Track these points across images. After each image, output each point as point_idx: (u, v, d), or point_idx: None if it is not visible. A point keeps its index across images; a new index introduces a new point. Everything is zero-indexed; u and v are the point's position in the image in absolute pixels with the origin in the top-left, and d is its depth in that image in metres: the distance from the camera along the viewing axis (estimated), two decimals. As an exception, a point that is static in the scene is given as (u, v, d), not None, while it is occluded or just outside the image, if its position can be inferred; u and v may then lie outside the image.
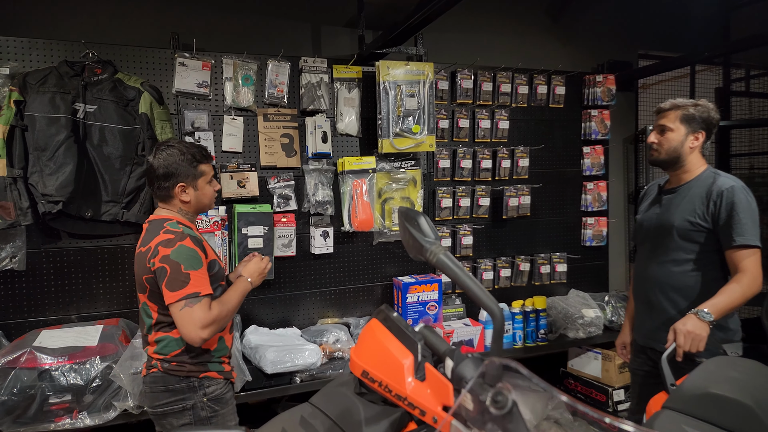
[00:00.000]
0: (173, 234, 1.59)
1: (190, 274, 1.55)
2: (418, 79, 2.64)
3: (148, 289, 1.61)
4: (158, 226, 1.63)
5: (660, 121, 1.98)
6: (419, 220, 1.00)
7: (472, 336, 2.68)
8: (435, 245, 0.97)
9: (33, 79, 2.08)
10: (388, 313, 1.07)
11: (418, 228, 0.99)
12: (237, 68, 2.46)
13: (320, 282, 2.73)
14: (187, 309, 1.53)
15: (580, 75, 3.21)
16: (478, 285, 0.91)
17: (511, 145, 3.04)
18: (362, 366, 1.02)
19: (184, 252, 1.56)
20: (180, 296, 1.53)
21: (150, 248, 1.58)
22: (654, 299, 2.00)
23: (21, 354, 1.89)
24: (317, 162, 2.62)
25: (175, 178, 1.66)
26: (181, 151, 1.66)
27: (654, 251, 2.02)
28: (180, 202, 1.70)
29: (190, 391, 1.64)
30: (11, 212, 1.96)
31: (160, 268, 1.55)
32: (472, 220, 2.99)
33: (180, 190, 1.68)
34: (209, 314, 1.56)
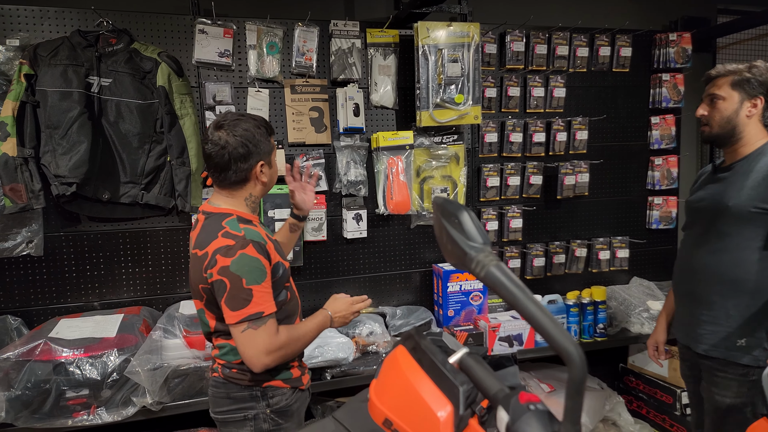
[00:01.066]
0: (233, 239, 1.34)
1: (252, 290, 1.32)
2: (462, 41, 2.28)
3: (205, 299, 1.41)
4: (216, 226, 1.37)
5: (710, 89, 1.67)
6: (461, 216, 0.71)
7: (521, 331, 2.37)
8: (483, 253, 0.67)
9: (44, 51, 1.89)
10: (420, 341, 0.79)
11: (459, 227, 0.70)
12: (261, 35, 2.19)
13: (353, 268, 2.48)
14: (250, 332, 1.33)
15: (649, 34, 2.74)
16: (547, 314, 0.61)
17: (567, 116, 2.64)
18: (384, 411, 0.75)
19: (246, 263, 1.32)
20: (242, 317, 1.32)
21: (207, 255, 1.34)
22: (700, 292, 1.69)
23: (36, 346, 1.75)
24: (349, 138, 2.34)
25: (257, 156, 1.41)
26: (255, 124, 1.42)
27: (704, 237, 1.69)
28: (254, 186, 1.46)
29: (252, 400, 1.46)
30: (22, 195, 1.80)
31: (219, 281, 1.32)
32: (521, 201, 2.64)
33: (260, 169, 1.44)
34: (275, 340, 1.36)
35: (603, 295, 2.48)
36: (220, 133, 1.38)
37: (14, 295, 2.07)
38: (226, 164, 1.39)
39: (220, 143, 1.37)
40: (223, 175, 1.41)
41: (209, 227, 1.39)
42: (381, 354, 2.18)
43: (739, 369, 1.60)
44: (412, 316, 2.41)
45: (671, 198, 2.86)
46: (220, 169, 1.40)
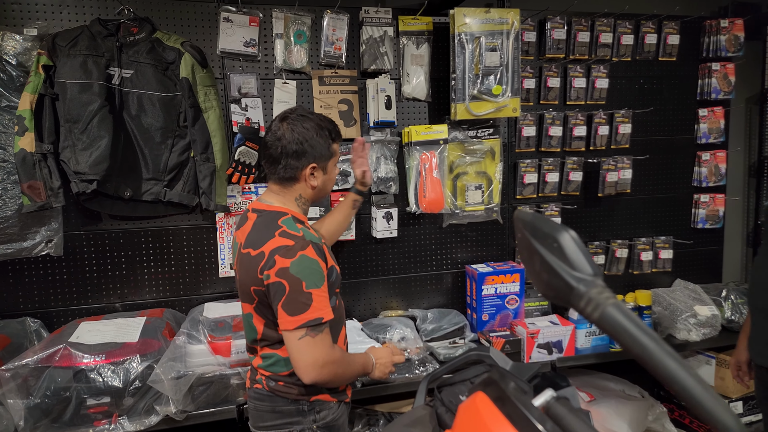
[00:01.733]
0: (293, 239, 1.26)
1: (312, 294, 1.24)
2: (500, 29, 2.11)
3: (256, 301, 1.32)
4: (271, 224, 1.30)
5: None
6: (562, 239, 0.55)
7: (561, 337, 2.19)
8: (596, 288, 0.53)
9: (63, 41, 1.77)
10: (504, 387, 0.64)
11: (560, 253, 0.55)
12: (288, 23, 2.04)
13: (382, 269, 2.33)
14: (308, 339, 1.24)
15: (698, 20, 2.53)
16: (691, 372, 0.47)
17: (609, 108, 2.45)
18: None
19: (306, 265, 1.25)
20: (301, 322, 1.23)
21: (263, 254, 1.26)
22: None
23: (56, 351, 1.64)
24: (379, 132, 2.19)
25: (309, 157, 1.34)
26: (319, 125, 1.36)
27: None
28: (304, 188, 1.39)
29: (298, 415, 1.37)
30: (41, 193, 1.69)
31: (277, 283, 1.24)
32: (560, 199, 2.46)
33: (310, 172, 1.36)
34: (332, 353, 1.29)
35: (648, 300, 2.30)
36: (282, 125, 1.34)
37: (33, 295, 1.97)
38: (278, 157, 1.34)
39: (277, 134, 1.33)
40: (274, 167, 1.36)
41: (264, 225, 1.31)
42: (413, 361, 2.03)
43: None
44: (444, 320, 2.25)
45: (719, 196, 2.65)
46: (272, 161, 1.35)
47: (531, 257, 0.59)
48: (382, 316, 2.34)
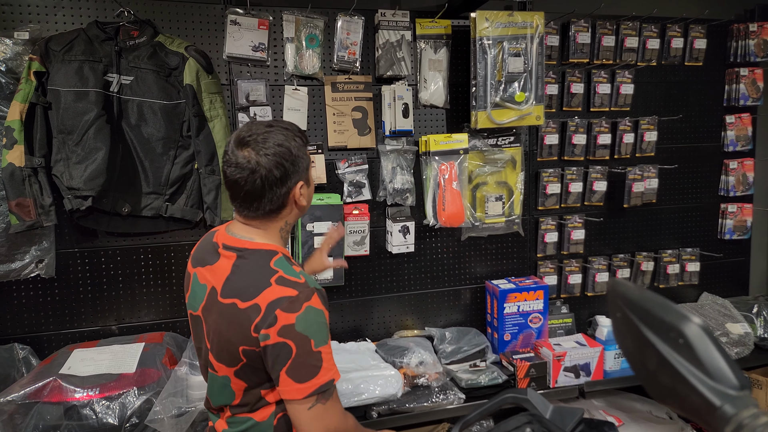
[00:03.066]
0: (295, 288, 1.00)
1: (321, 353, 1.00)
2: (524, 33, 1.93)
3: (242, 363, 1.03)
4: (264, 268, 1.03)
5: None
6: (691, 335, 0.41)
7: (589, 360, 2.00)
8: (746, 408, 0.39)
9: (57, 45, 1.59)
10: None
11: (689, 355, 0.41)
12: (300, 26, 1.86)
13: (397, 285, 2.14)
14: (319, 407, 0.99)
15: (726, 24, 2.35)
16: None
17: (635, 115, 2.27)
18: None
19: (314, 319, 1.00)
20: (312, 389, 0.98)
21: (259, 308, 0.98)
22: None
23: (45, 384, 1.45)
24: (395, 141, 2.01)
25: (295, 175, 1.06)
26: (288, 136, 1.06)
27: None
28: (290, 212, 1.11)
29: None
30: (30, 211, 1.50)
31: (281, 344, 0.97)
32: (583, 209, 2.28)
33: (299, 192, 1.09)
34: (345, 421, 1.05)
35: (680, 318, 2.11)
36: (245, 152, 1.02)
37: (23, 319, 1.77)
38: (259, 192, 1.03)
39: (249, 166, 1.01)
40: (255, 204, 1.05)
41: (253, 270, 1.03)
42: (433, 388, 1.83)
43: None
44: (463, 340, 2.06)
45: (746, 206, 2.46)
46: (251, 199, 1.04)
47: (642, 351, 0.44)
48: (397, 335, 2.14)
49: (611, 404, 2.30)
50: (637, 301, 0.45)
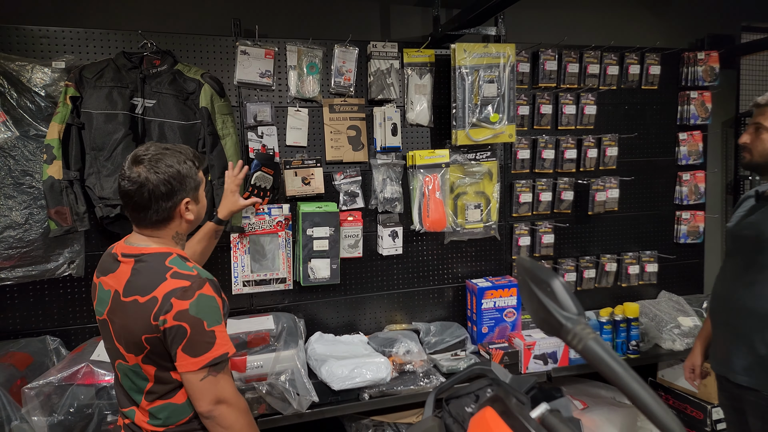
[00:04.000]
0: (188, 279, 1.14)
1: (214, 331, 1.14)
2: (497, 62, 2.16)
3: (147, 351, 1.15)
4: (159, 267, 1.16)
5: (756, 118, 1.54)
6: (554, 284, 0.66)
7: (556, 348, 2.22)
8: (580, 325, 0.64)
9: (89, 73, 1.78)
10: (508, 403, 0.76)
11: (552, 296, 0.66)
12: (301, 55, 2.08)
13: (387, 284, 2.35)
14: (210, 379, 1.14)
15: (678, 53, 2.60)
16: (651, 393, 0.60)
17: (598, 133, 2.51)
18: None
19: (206, 303, 1.14)
20: (205, 362, 1.13)
21: (156, 299, 1.12)
22: (737, 324, 1.56)
23: (78, 369, 1.63)
24: (386, 156, 2.22)
25: (181, 193, 1.20)
26: (180, 159, 1.20)
27: (744, 268, 1.56)
28: (179, 224, 1.24)
29: None
30: (67, 218, 1.69)
31: (176, 327, 1.11)
32: (553, 216, 2.51)
33: (185, 207, 1.22)
34: (236, 396, 1.18)
35: (636, 312, 2.33)
36: (138, 169, 1.16)
37: (53, 314, 1.95)
38: (146, 203, 1.17)
39: (138, 180, 1.15)
40: (144, 214, 1.18)
41: (150, 270, 1.16)
42: (418, 373, 2.04)
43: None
44: (445, 332, 2.27)
45: (699, 213, 2.71)
46: (140, 208, 1.18)
47: (530, 298, 0.69)
48: (387, 329, 2.35)
49: (578, 391, 2.52)
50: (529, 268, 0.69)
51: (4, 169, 1.71)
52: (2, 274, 1.72)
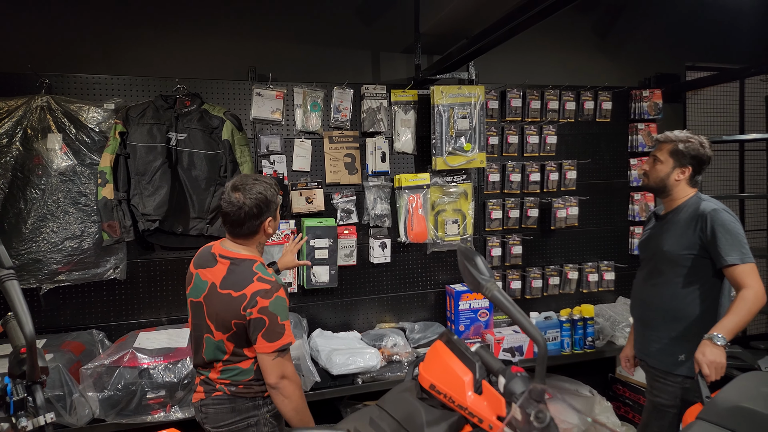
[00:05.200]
0: (269, 284, 1.51)
1: (285, 325, 1.52)
2: (469, 101, 2.59)
3: (233, 332, 1.52)
4: (247, 271, 1.52)
5: (655, 151, 1.94)
6: (476, 259, 1.07)
7: (522, 343, 2.60)
8: (490, 282, 1.04)
9: (134, 113, 2.20)
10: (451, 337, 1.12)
11: (475, 267, 1.06)
12: (306, 96, 2.50)
13: (378, 289, 2.73)
14: (279, 360, 1.51)
15: (626, 90, 3.05)
16: (527, 318, 1.00)
17: (558, 159, 2.94)
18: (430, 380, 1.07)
19: (281, 304, 1.52)
20: (276, 347, 1.50)
21: (245, 296, 1.48)
22: (648, 318, 1.95)
23: (124, 354, 2.00)
24: (376, 179, 2.63)
25: (267, 213, 1.57)
26: (266, 186, 1.57)
27: (649, 274, 1.96)
28: (262, 237, 1.62)
29: (255, 409, 1.60)
30: (117, 230, 2.08)
31: (258, 319, 1.48)
32: (521, 231, 2.91)
33: (267, 224, 1.60)
34: (294, 374, 1.56)
35: (591, 312, 2.73)
36: (237, 195, 1.52)
37: (98, 312, 2.33)
38: (242, 221, 1.53)
39: (237, 204, 1.51)
40: (238, 229, 1.56)
41: (239, 271, 1.53)
42: (404, 363, 2.41)
43: (678, 378, 1.83)
44: (428, 330, 2.65)
45: (649, 228, 3.12)
46: (235, 224, 1.55)
47: (464, 269, 1.09)
48: (378, 327, 2.73)
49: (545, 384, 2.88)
50: (463, 251, 1.08)
51: (64, 191, 2.11)
52: (62, 276, 2.10)
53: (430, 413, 1.13)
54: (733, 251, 1.72)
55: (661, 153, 1.90)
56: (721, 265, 1.74)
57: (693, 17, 3.37)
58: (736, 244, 1.72)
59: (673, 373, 1.85)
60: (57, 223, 2.10)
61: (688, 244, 1.81)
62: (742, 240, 1.74)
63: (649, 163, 1.95)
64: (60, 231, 2.10)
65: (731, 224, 1.75)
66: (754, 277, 1.71)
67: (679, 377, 1.84)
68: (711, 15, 3.38)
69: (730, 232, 1.73)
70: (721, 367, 1.61)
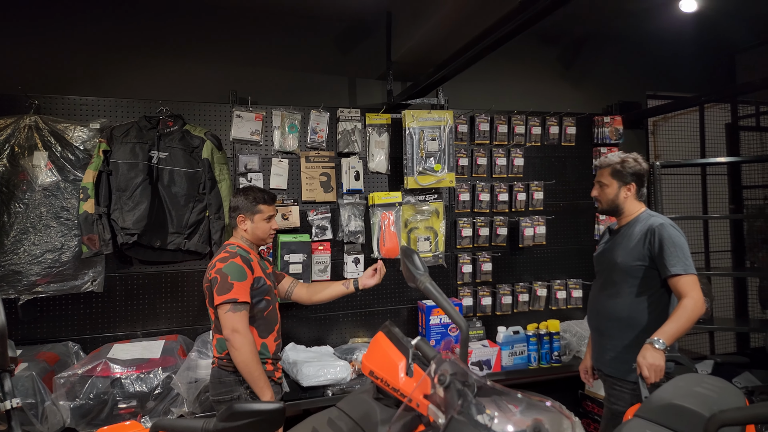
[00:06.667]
0: (228, 253, 1.91)
1: (235, 284, 1.82)
2: (439, 124, 2.77)
3: (207, 297, 1.90)
4: (222, 248, 1.97)
5: (598, 177, 2.12)
6: (413, 256, 1.23)
7: (489, 356, 2.71)
8: (424, 276, 1.20)
9: (118, 132, 2.34)
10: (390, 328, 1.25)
11: (412, 262, 1.22)
12: (284, 118, 2.67)
13: (352, 304, 2.84)
14: (231, 314, 1.81)
15: (590, 116, 3.27)
16: (451, 305, 1.15)
17: (526, 180, 3.11)
18: (369, 367, 1.18)
19: (233, 267, 1.86)
20: (223, 300, 1.81)
21: (213, 264, 1.90)
22: (602, 327, 2.07)
23: (97, 364, 2.07)
24: (351, 197, 2.77)
25: (237, 210, 2.01)
26: (246, 193, 2.02)
27: (603, 285, 2.10)
28: (241, 231, 2.02)
29: (236, 384, 1.86)
30: (96, 243, 2.19)
31: (214, 278, 1.85)
32: (491, 248, 3.05)
33: (240, 220, 2.00)
34: (245, 326, 1.82)
35: (557, 327, 2.85)
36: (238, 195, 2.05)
37: (74, 324, 2.40)
38: (230, 211, 2.06)
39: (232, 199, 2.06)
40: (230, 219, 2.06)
41: (219, 250, 1.98)
42: (375, 375, 2.49)
43: (632, 385, 1.93)
44: (400, 344, 2.74)
45: (615, 247, 3.28)
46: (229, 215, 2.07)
47: (403, 266, 1.24)
48: (351, 342, 2.81)
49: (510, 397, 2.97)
50: (404, 249, 1.23)
51: (47, 205, 2.22)
52: (41, 287, 2.19)
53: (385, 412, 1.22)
54: (677, 263, 1.85)
55: (604, 177, 2.07)
56: (665, 275, 1.88)
57: (652, 49, 3.64)
58: (680, 256, 1.86)
59: (626, 380, 1.95)
60: (38, 236, 2.20)
61: (638, 256, 1.95)
62: (686, 253, 1.88)
63: (597, 189, 2.11)
64: (41, 244, 2.20)
65: (677, 238, 1.89)
66: (695, 287, 1.84)
67: (633, 384, 1.93)
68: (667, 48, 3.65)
69: (675, 245, 1.87)
70: (659, 369, 1.73)
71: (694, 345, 3.86)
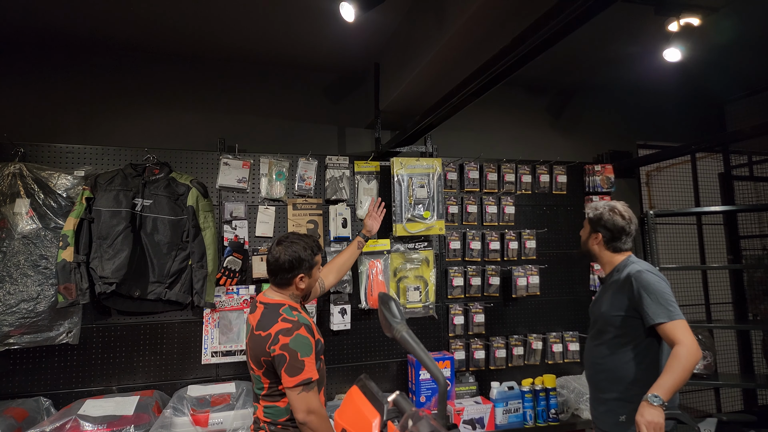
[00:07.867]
0: (290, 323, 1.74)
1: (305, 361, 1.71)
2: (427, 172, 2.87)
3: (264, 368, 1.77)
4: (275, 312, 1.78)
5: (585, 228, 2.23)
6: (390, 304, 1.24)
7: (483, 414, 2.66)
8: (400, 324, 1.20)
9: (103, 179, 2.41)
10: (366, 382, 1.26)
11: (389, 310, 1.23)
12: (272, 166, 2.76)
13: (338, 358, 2.81)
14: (303, 394, 1.71)
15: (580, 165, 3.38)
16: (429, 357, 1.13)
17: (517, 228, 3.17)
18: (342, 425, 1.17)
19: (300, 341, 1.72)
20: (297, 382, 1.70)
21: (270, 335, 1.73)
22: (595, 380, 2.08)
23: (67, 421, 2.04)
24: (338, 244, 2.82)
25: (298, 269, 1.85)
26: (304, 247, 1.86)
27: (594, 334, 2.13)
28: (294, 290, 1.88)
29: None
30: (73, 292, 2.20)
31: (280, 355, 1.70)
32: (483, 299, 3.07)
33: (299, 279, 1.86)
34: (319, 406, 1.75)
35: (553, 383, 2.82)
36: (279, 248, 1.84)
37: (47, 379, 2.37)
38: (276, 271, 1.85)
39: (275, 256, 1.84)
40: (273, 278, 1.87)
41: (269, 314, 1.79)
42: None
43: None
44: (388, 401, 2.70)
45: (612, 297, 3.30)
46: (272, 274, 1.87)
47: (380, 313, 1.25)
48: (337, 398, 2.77)
49: (510, 458, 2.89)
50: (381, 297, 1.24)
51: (26, 253, 2.26)
52: (13, 339, 2.18)
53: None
54: (660, 311, 1.86)
55: (585, 221, 2.17)
56: (649, 325, 1.89)
57: (641, 99, 3.81)
58: (661, 302, 1.87)
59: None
60: (14, 286, 2.22)
61: (620, 306, 1.97)
62: (668, 298, 1.88)
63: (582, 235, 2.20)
64: (16, 293, 2.21)
65: (656, 284, 1.90)
66: (684, 332, 1.82)
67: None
68: (656, 98, 3.83)
69: (654, 293, 1.88)
70: (659, 427, 1.70)
71: (699, 403, 3.80)
